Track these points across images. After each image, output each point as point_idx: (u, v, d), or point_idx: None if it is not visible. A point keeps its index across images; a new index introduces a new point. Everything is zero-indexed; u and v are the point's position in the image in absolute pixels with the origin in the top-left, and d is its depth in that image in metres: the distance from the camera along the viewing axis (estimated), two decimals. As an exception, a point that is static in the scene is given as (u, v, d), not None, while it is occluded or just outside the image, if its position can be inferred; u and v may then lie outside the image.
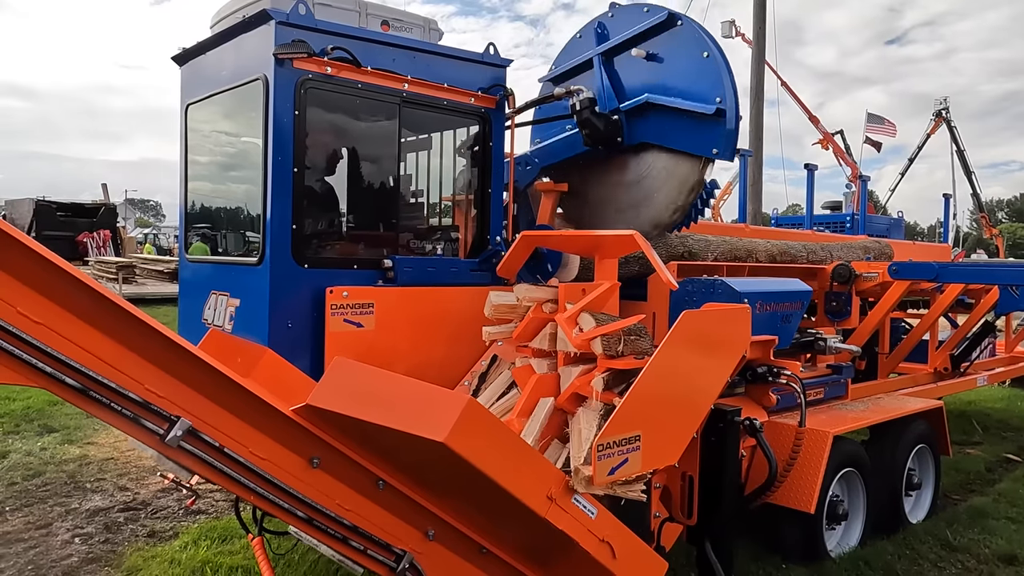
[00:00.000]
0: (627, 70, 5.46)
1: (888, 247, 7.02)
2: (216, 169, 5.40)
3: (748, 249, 5.57)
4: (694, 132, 4.96)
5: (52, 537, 4.88)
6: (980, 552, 4.88)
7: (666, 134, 5.13)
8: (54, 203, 29.73)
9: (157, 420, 2.41)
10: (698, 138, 4.95)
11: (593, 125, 5.22)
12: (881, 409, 5.24)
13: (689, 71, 5.04)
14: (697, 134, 4.95)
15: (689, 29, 5.11)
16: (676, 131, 5.07)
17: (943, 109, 39.08)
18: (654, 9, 5.27)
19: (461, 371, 4.65)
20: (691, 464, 3.80)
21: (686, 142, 5.02)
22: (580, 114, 5.18)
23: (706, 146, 4.92)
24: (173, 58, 5.17)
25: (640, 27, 5.28)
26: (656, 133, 5.19)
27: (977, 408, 9.32)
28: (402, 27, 4.83)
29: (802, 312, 4.76)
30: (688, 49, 5.09)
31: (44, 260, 2.18)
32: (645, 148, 5.29)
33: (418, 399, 2.55)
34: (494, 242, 4.95)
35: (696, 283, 4.57)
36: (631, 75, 5.44)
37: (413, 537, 2.86)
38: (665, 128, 5.13)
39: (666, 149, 5.16)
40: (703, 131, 4.92)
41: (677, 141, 5.07)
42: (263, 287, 4.14)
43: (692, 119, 4.95)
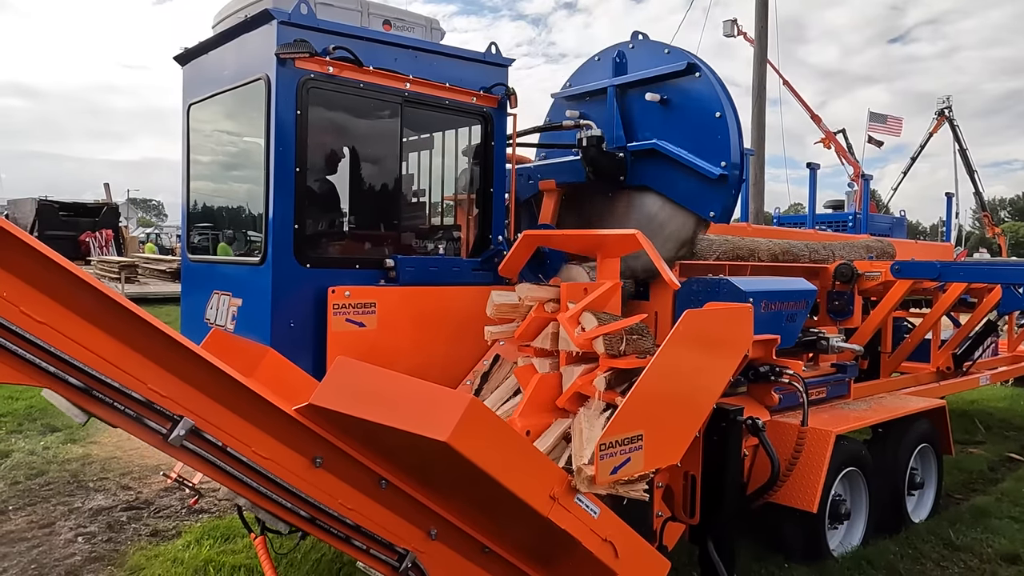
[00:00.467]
0: (639, 107, 5.42)
1: (890, 246, 7.01)
2: (218, 169, 5.41)
3: (750, 248, 5.57)
4: (695, 190, 4.96)
5: (55, 536, 4.89)
6: (983, 551, 4.88)
7: (668, 184, 5.13)
8: (56, 203, 29.78)
9: (160, 419, 2.41)
10: (698, 197, 4.95)
11: (598, 163, 5.25)
12: (883, 408, 5.24)
13: (699, 127, 5.01)
14: (698, 193, 4.95)
15: (706, 83, 5.03)
16: (678, 184, 5.07)
17: (946, 108, 38.99)
18: (675, 53, 5.20)
19: (463, 371, 4.65)
20: (693, 463, 3.80)
21: (686, 198, 5.02)
22: (587, 150, 5.20)
23: (704, 207, 4.93)
24: (175, 58, 5.17)
25: (658, 70, 5.23)
26: (658, 180, 5.19)
27: (980, 407, 9.31)
28: (404, 27, 4.83)
29: (807, 311, 4.75)
30: (702, 104, 5.03)
31: (47, 260, 2.19)
32: (645, 189, 5.29)
33: (421, 398, 2.55)
34: (496, 241, 4.95)
35: (701, 282, 4.57)
36: (642, 114, 5.40)
37: (416, 536, 2.86)
38: (668, 178, 5.13)
39: (666, 197, 5.16)
40: (704, 191, 4.92)
41: (677, 194, 5.07)
42: (265, 287, 4.14)
43: (695, 177, 4.95)
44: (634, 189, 5.35)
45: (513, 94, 5.00)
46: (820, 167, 9.39)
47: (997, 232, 38.11)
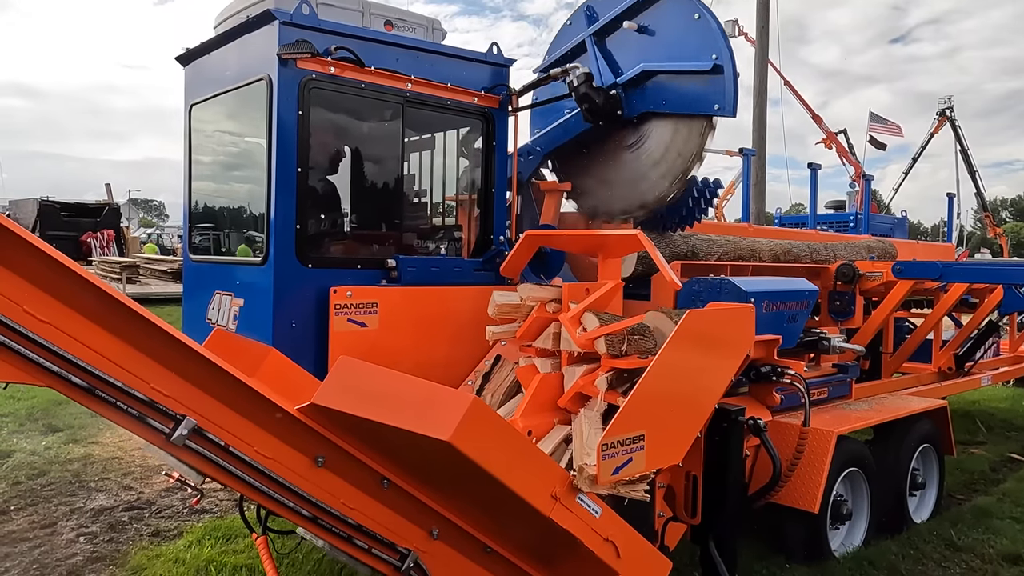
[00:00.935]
0: (620, 47, 5.50)
1: (892, 246, 7.01)
2: (220, 169, 5.41)
3: (752, 249, 5.57)
4: (694, 91, 4.99)
5: (57, 536, 4.89)
6: (984, 552, 4.88)
7: (666, 99, 5.16)
8: (58, 203, 29.77)
9: (163, 419, 2.41)
10: (698, 98, 4.97)
11: (591, 99, 5.23)
12: (885, 409, 5.23)
13: (682, 35, 5.08)
14: (697, 93, 4.98)
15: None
16: (675, 94, 5.10)
17: (947, 108, 38.94)
18: None
19: (465, 371, 4.65)
20: (695, 463, 3.80)
21: (687, 103, 5.04)
22: (578, 90, 5.19)
23: (707, 103, 4.94)
24: (177, 58, 5.18)
25: (629, 1, 5.33)
26: (655, 101, 5.22)
27: (981, 408, 9.30)
28: (405, 27, 4.84)
29: (808, 312, 4.75)
30: (678, 14, 5.13)
31: (50, 259, 2.19)
32: (646, 119, 5.32)
33: (423, 398, 2.55)
34: (497, 242, 4.95)
35: (702, 283, 4.57)
36: (625, 51, 5.47)
37: (418, 536, 2.86)
38: (664, 94, 5.17)
39: (667, 115, 5.19)
40: (702, 90, 4.95)
41: (677, 104, 5.09)
42: (267, 287, 4.15)
43: (690, 80, 4.99)
44: (636, 123, 5.38)
45: (514, 93, 5.00)
46: (821, 167, 9.39)
47: (999, 232, 38.08)
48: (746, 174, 9.97)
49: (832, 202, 12.24)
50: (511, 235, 5.13)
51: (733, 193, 28.83)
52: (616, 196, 5.44)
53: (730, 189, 28.60)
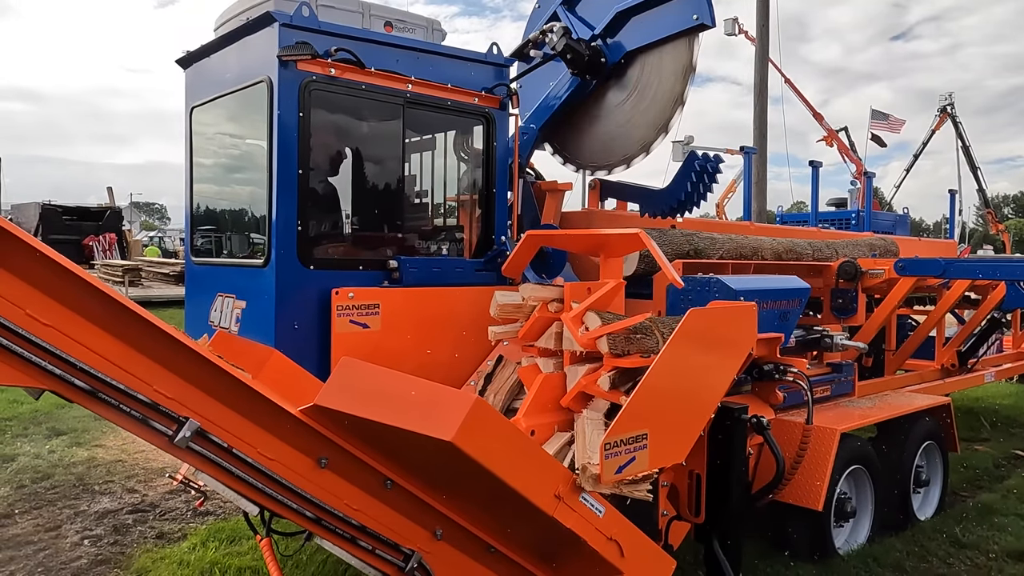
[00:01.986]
0: (591, 9, 5.70)
1: (894, 244, 6.99)
2: (221, 171, 5.42)
3: (754, 247, 5.57)
4: (669, 14, 5.15)
5: (61, 539, 4.90)
6: (989, 548, 4.87)
7: (645, 31, 5.32)
8: (60, 207, 29.83)
9: (166, 421, 2.41)
10: (675, 17, 5.11)
11: (575, 50, 5.40)
12: (888, 406, 5.23)
13: None
14: (672, 14, 5.12)
15: None
16: (652, 23, 5.26)
17: (948, 105, 38.91)
18: None
19: (467, 371, 4.65)
20: (698, 462, 3.80)
21: (666, 26, 5.19)
22: (559, 45, 5.35)
23: (684, 18, 5.07)
24: (177, 61, 5.18)
25: None
26: (635, 37, 5.39)
27: (985, 404, 9.29)
28: (405, 28, 4.84)
29: (800, 310, 4.72)
30: None
31: (53, 263, 2.20)
32: (630, 61, 5.47)
33: (425, 398, 2.55)
34: (499, 241, 4.95)
35: (692, 281, 4.55)
36: (595, 11, 5.65)
37: (421, 536, 2.86)
38: (642, 27, 5.34)
39: (650, 46, 5.33)
40: (676, 8, 5.09)
41: (657, 30, 5.25)
42: (269, 289, 4.15)
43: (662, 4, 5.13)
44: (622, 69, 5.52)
45: (515, 94, 5.00)
46: (823, 165, 9.38)
47: (1001, 229, 38.04)
48: (747, 172, 9.95)
49: (834, 200, 12.23)
50: (512, 235, 5.13)
51: (734, 191, 28.81)
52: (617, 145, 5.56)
53: (731, 187, 28.59)
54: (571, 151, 5.90)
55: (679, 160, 14.25)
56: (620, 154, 5.60)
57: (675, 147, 22.77)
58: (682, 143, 23.25)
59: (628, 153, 5.56)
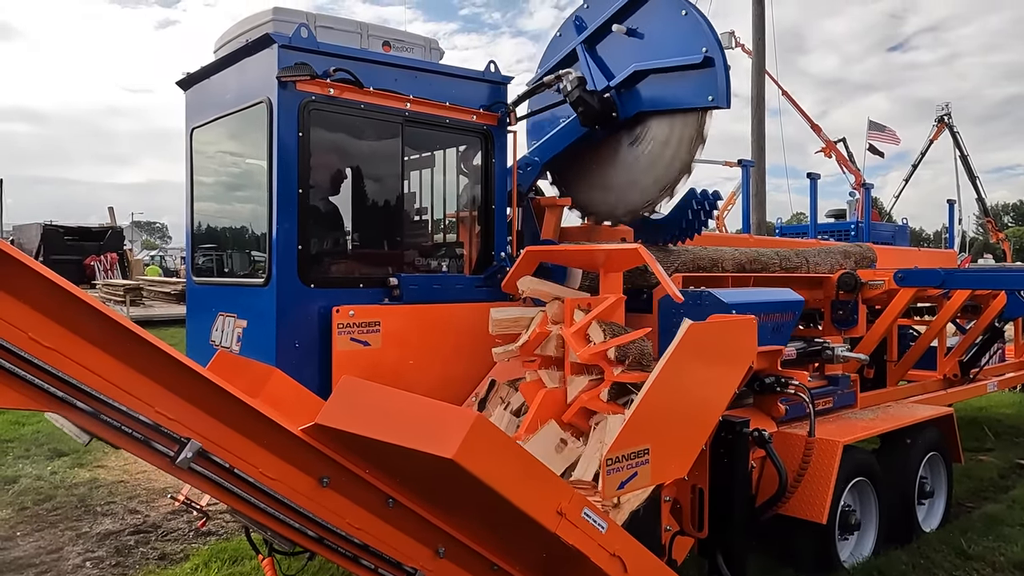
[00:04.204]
0: (611, 52, 5.58)
1: (870, 251, 6.91)
2: (222, 191, 5.45)
3: (713, 258, 5.51)
4: (686, 86, 5.06)
5: (63, 561, 4.88)
6: (995, 560, 4.84)
7: (659, 96, 5.23)
8: (61, 227, 29.96)
9: (167, 442, 2.42)
10: (691, 91, 5.04)
11: (587, 103, 5.31)
12: (891, 417, 5.21)
13: (671, 33, 5.15)
14: (690, 87, 5.04)
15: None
16: (668, 90, 5.17)
17: (945, 115, 39.04)
18: None
19: (468, 387, 4.66)
20: (701, 477, 3.79)
21: (680, 99, 5.11)
22: (572, 95, 5.26)
23: (701, 96, 5.00)
24: (178, 83, 5.23)
25: (616, 6, 5.40)
26: (649, 99, 5.29)
27: (988, 414, 9.25)
28: (403, 47, 4.89)
29: (794, 323, 4.72)
30: (665, 14, 5.21)
31: (54, 285, 2.21)
32: (642, 119, 5.38)
33: (426, 416, 2.55)
34: (499, 258, 4.97)
35: (684, 295, 4.55)
36: (616, 56, 5.54)
37: (424, 555, 2.85)
38: (657, 91, 5.24)
39: (662, 112, 5.25)
40: (695, 82, 5.01)
41: (671, 100, 5.17)
42: (270, 308, 4.16)
43: (682, 75, 5.05)
44: (631, 125, 5.44)
45: (512, 111, 5.04)
46: (821, 177, 9.42)
47: (1001, 237, 38.06)
48: (745, 185, 10.00)
49: (833, 211, 12.26)
50: (512, 251, 5.15)
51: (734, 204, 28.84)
52: (619, 198, 5.50)
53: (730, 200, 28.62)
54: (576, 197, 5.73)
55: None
56: (623, 208, 5.42)
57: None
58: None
59: (631, 208, 5.37)
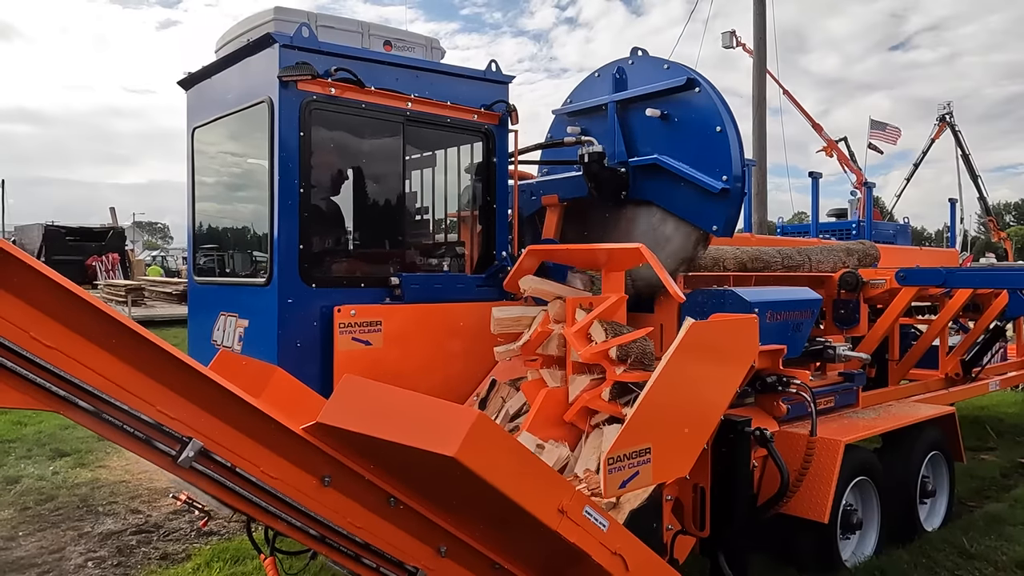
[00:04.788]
0: (639, 123, 5.43)
1: (874, 248, 6.91)
2: (223, 191, 5.46)
3: (715, 257, 5.50)
4: (697, 204, 4.97)
5: (65, 561, 4.89)
6: (997, 559, 4.83)
7: (670, 198, 5.14)
8: (63, 228, 30.01)
9: (169, 441, 2.42)
10: (700, 211, 4.95)
11: (600, 178, 5.26)
12: (893, 416, 5.21)
13: (700, 141, 5.01)
14: (700, 207, 4.95)
15: (706, 97, 5.03)
16: (680, 198, 5.08)
17: (947, 114, 38.93)
18: (675, 69, 5.21)
19: (470, 386, 4.66)
20: (702, 476, 3.79)
21: (688, 212, 5.03)
22: (588, 166, 5.20)
23: (707, 221, 4.93)
24: (179, 83, 5.23)
25: (658, 86, 5.23)
26: (660, 195, 5.20)
27: (990, 413, 9.24)
28: (404, 47, 4.89)
29: (812, 320, 4.74)
30: (702, 118, 5.03)
31: (55, 285, 2.21)
32: (647, 204, 5.30)
33: (428, 414, 2.55)
34: (500, 257, 4.97)
35: (706, 294, 4.57)
36: (643, 129, 5.40)
37: (425, 554, 2.86)
38: (670, 192, 5.14)
39: (668, 212, 5.16)
40: (706, 205, 4.92)
41: (680, 208, 5.08)
42: (271, 308, 4.16)
43: (697, 191, 4.95)
44: (637, 203, 5.37)
45: (514, 111, 5.04)
46: (822, 176, 9.42)
47: (1003, 236, 37.98)
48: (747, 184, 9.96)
49: (834, 210, 12.24)
50: (513, 250, 5.15)
51: (735, 203, 28.73)
52: None
53: (732, 199, 28.50)
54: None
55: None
56: None
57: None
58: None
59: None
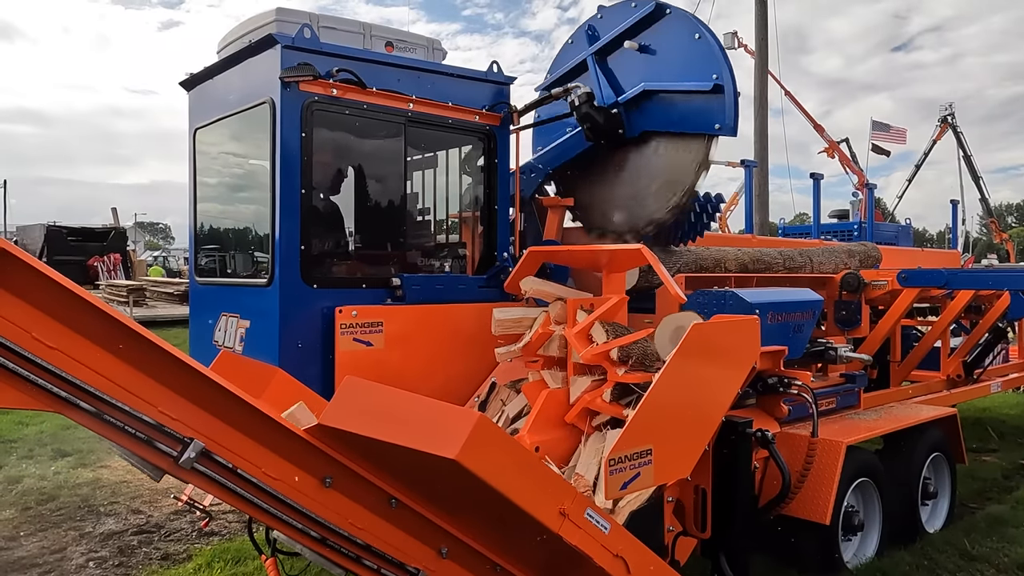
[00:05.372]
0: (621, 66, 5.54)
1: (875, 250, 6.90)
2: (225, 192, 5.46)
3: (716, 259, 5.49)
4: (695, 111, 5.03)
5: (67, 561, 4.89)
6: (999, 561, 4.82)
7: (667, 119, 5.19)
8: (64, 228, 30.03)
9: (170, 442, 2.42)
10: (699, 116, 5.00)
11: (593, 119, 5.28)
12: (894, 418, 5.20)
13: (683, 55, 5.11)
14: (698, 112, 5.01)
15: (678, 16, 5.19)
16: (677, 114, 5.14)
17: (948, 115, 38.92)
18: (641, 2, 5.35)
19: (471, 388, 4.66)
20: (704, 477, 3.78)
21: (688, 122, 5.07)
22: (579, 109, 5.23)
23: (708, 123, 4.97)
24: (181, 83, 5.24)
25: (630, 21, 5.36)
26: (657, 120, 5.25)
27: (992, 415, 9.23)
28: (406, 48, 4.89)
29: (814, 321, 4.74)
30: (679, 35, 5.17)
31: (56, 285, 2.21)
32: (648, 138, 5.34)
33: (429, 416, 2.55)
34: (501, 258, 4.97)
35: (707, 295, 4.57)
36: (626, 71, 5.51)
37: (426, 555, 2.85)
38: (665, 113, 5.20)
39: (669, 134, 5.20)
40: (703, 108, 4.98)
41: (679, 123, 5.13)
42: (273, 308, 4.17)
43: (691, 99, 5.02)
44: (636, 144, 5.40)
45: (515, 111, 5.04)
46: (824, 177, 9.41)
47: (1005, 238, 37.94)
48: (748, 185, 9.99)
49: (836, 211, 12.25)
50: (515, 251, 5.15)
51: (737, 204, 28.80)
52: (621, 214, 5.45)
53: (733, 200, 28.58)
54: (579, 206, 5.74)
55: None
56: (627, 225, 5.40)
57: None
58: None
59: (635, 225, 5.33)
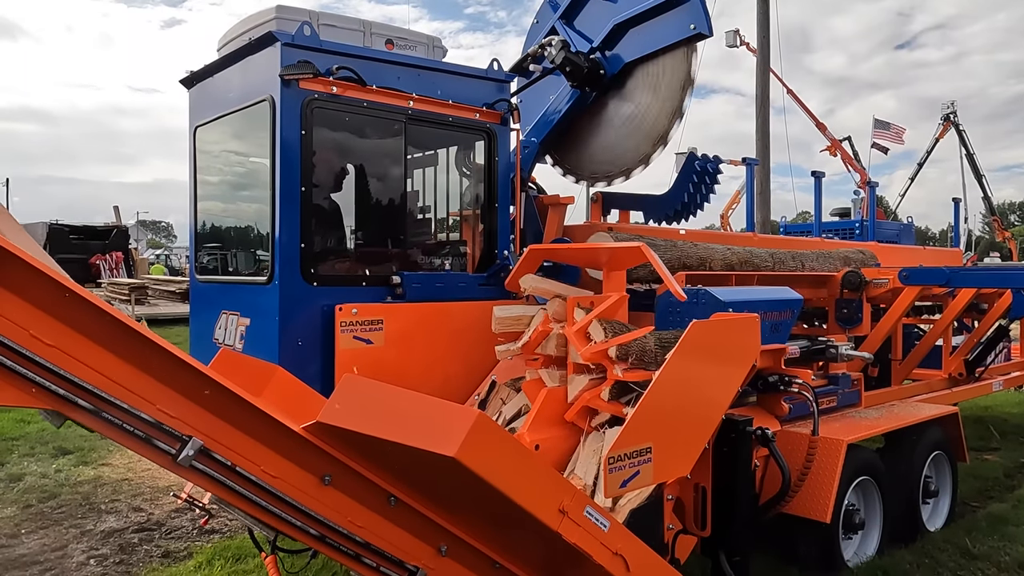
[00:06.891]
0: (589, 21, 5.81)
1: (872, 256, 6.85)
2: (225, 190, 5.46)
3: (702, 257, 5.48)
4: (667, 22, 5.22)
5: (68, 559, 4.90)
6: (1000, 560, 4.82)
7: (643, 41, 5.40)
8: (67, 226, 30.05)
9: (169, 440, 2.42)
10: (672, 26, 5.18)
11: (574, 63, 5.47)
12: (895, 416, 5.20)
13: None
14: (670, 24, 5.19)
15: None
16: (650, 34, 5.34)
17: (951, 113, 38.86)
18: None
19: (471, 386, 4.65)
20: (704, 475, 3.78)
21: (663, 36, 5.26)
22: (558, 58, 5.42)
23: (682, 28, 5.13)
24: (181, 81, 5.23)
25: None
26: (633, 48, 5.47)
27: (994, 413, 9.22)
28: (406, 45, 4.89)
29: (792, 321, 4.68)
30: None
31: (56, 283, 2.21)
32: (630, 72, 5.54)
33: (428, 414, 2.55)
34: (502, 256, 4.96)
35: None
36: (594, 22, 5.75)
37: (426, 553, 2.85)
38: (640, 39, 5.42)
39: (647, 57, 5.40)
40: (674, 18, 5.16)
41: (654, 41, 5.32)
42: (273, 306, 4.16)
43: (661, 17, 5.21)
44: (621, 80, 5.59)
45: (516, 109, 5.03)
46: (826, 175, 9.38)
47: (1007, 236, 37.91)
48: (750, 183, 9.94)
49: (837, 209, 12.23)
50: (515, 249, 5.14)
51: (738, 202, 28.81)
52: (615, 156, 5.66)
53: (735, 198, 28.58)
54: (571, 162, 5.98)
55: (682, 171, 14.21)
56: (619, 166, 5.67)
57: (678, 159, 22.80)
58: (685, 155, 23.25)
59: (627, 165, 5.63)
